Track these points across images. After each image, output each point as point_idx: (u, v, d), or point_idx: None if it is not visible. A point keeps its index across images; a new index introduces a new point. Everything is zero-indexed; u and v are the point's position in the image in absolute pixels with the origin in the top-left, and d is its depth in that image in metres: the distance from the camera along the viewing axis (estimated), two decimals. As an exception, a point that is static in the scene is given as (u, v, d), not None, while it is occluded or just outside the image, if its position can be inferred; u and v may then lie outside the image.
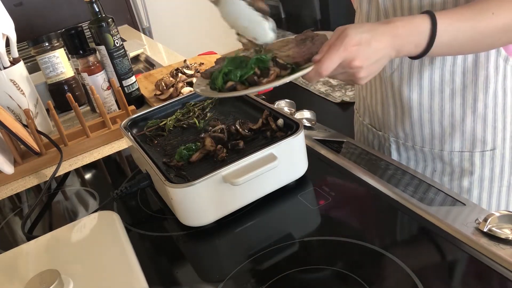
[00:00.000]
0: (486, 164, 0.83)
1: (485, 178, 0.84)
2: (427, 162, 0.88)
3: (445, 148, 0.84)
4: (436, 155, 0.86)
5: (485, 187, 0.85)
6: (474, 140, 0.81)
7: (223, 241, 0.66)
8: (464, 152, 0.83)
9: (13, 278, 0.57)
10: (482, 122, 0.80)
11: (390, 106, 0.87)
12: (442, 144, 0.84)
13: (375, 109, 0.92)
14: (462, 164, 0.84)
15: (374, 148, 0.98)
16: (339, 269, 0.55)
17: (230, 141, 0.73)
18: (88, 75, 1.09)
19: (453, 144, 0.83)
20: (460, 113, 0.80)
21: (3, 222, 0.82)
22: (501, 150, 0.82)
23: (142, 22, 2.46)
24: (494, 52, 0.74)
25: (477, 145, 0.82)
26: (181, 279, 0.60)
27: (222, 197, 0.65)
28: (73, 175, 0.95)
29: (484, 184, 0.85)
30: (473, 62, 0.75)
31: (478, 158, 0.83)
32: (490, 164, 0.83)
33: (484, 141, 0.81)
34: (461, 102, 0.79)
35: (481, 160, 0.83)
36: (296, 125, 0.71)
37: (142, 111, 0.89)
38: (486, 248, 0.54)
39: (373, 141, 0.98)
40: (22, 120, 1.08)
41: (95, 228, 0.65)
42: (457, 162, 0.84)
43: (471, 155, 0.83)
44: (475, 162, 0.83)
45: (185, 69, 1.23)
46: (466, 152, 0.83)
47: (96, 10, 1.06)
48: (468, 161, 0.83)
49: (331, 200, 0.68)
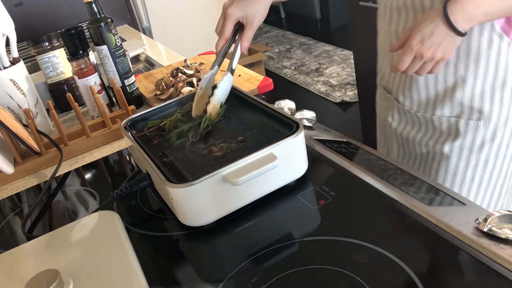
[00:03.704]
0: (469, 133, 0.87)
1: (465, 147, 0.88)
2: (421, 126, 0.94)
3: (436, 113, 0.89)
4: (428, 120, 0.91)
5: (463, 156, 0.89)
6: (462, 107, 0.86)
7: (223, 241, 0.66)
8: (451, 117, 0.87)
9: (13, 278, 0.57)
10: (470, 92, 0.84)
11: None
12: (434, 109, 0.89)
13: (386, 73, 1.00)
14: (449, 129, 0.89)
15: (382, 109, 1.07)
16: (339, 269, 0.55)
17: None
18: (79, 78, 1.09)
19: (443, 110, 0.88)
20: (452, 81, 0.84)
21: (3, 222, 0.82)
22: (486, 123, 0.85)
23: (142, 22, 2.46)
24: (489, 26, 0.77)
25: (464, 112, 0.86)
26: (181, 279, 0.60)
27: (222, 197, 0.65)
28: (73, 175, 0.95)
29: (463, 154, 0.89)
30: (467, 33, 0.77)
31: (463, 125, 0.87)
32: (472, 134, 0.87)
33: (471, 110, 0.85)
34: (453, 71, 0.83)
35: (465, 128, 0.87)
36: (296, 125, 0.71)
37: (142, 111, 0.89)
38: (486, 248, 0.54)
39: (383, 103, 1.05)
40: (22, 120, 1.08)
41: (95, 228, 0.65)
42: (445, 126, 0.89)
43: (457, 121, 0.87)
44: (459, 128, 0.87)
45: (185, 69, 1.23)
46: (453, 118, 0.87)
47: (95, 11, 1.06)
48: (454, 126, 0.88)
49: (331, 200, 0.68)
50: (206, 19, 2.95)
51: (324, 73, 3.60)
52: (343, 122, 2.88)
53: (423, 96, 0.90)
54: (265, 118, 0.79)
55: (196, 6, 3.23)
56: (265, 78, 1.16)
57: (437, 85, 0.87)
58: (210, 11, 2.93)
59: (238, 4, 0.83)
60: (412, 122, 0.96)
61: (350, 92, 3.17)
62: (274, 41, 4.59)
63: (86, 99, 1.12)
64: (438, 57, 0.73)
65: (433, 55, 0.73)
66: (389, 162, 0.75)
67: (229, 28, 0.83)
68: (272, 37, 4.70)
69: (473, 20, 0.70)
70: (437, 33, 0.71)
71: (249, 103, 0.84)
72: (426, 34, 0.71)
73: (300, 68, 3.81)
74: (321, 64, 3.77)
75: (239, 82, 1.16)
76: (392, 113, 1.00)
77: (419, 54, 0.73)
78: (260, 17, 0.84)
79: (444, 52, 0.73)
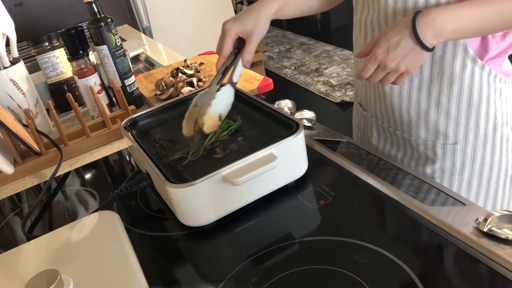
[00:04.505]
0: (448, 157, 0.85)
1: (446, 170, 0.87)
2: (400, 146, 0.92)
3: (412, 135, 0.88)
4: (406, 140, 0.90)
5: (445, 178, 0.88)
6: (437, 132, 0.84)
7: (223, 241, 0.66)
8: (428, 141, 0.86)
9: (13, 278, 0.57)
10: (445, 116, 0.82)
11: (371, 87, 0.91)
12: (410, 130, 0.88)
13: (361, 89, 0.97)
14: (426, 152, 0.87)
15: (361, 127, 1.03)
16: (339, 269, 0.55)
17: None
18: (79, 78, 1.09)
19: (418, 132, 0.86)
20: (425, 103, 0.83)
21: (3, 222, 0.82)
22: (463, 146, 0.83)
23: (142, 22, 2.46)
24: (462, 51, 0.75)
25: (439, 137, 0.85)
26: (181, 279, 0.60)
27: (222, 197, 0.65)
28: (73, 175, 0.95)
29: (445, 176, 0.87)
30: (440, 57, 0.77)
31: (440, 149, 0.85)
32: (451, 157, 0.85)
33: (446, 135, 0.84)
34: (427, 93, 0.82)
35: (443, 152, 0.85)
36: (296, 125, 0.71)
37: (142, 111, 0.89)
38: (486, 248, 0.54)
39: (360, 120, 1.03)
40: (22, 120, 1.08)
41: (95, 228, 0.65)
42: (422, 149, 0.88)
43: (433, 145, 0.86)
44: (437, 152, 0.86)
45: (185, 69, 1.23)
46: (430, 142, 0.86)
47: (95, 11, 1.06)
48: (431, 150, 0.86)
49: (331, 200, 0.68)
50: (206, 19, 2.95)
51: (324, 73, 3.60)
52: (343, 122, 2.88)
53: (397, 116, 0.88)
54: (265, 118, 0.79)
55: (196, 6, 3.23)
56: (265, 78, 1.16)
57: (410, 107, 0.84)
58: (210, 11, 2.93)
59: (235, 20, 0.81)
60: (391, 141, 0.94)
61: (350, 92, 3.17)
62: (274, 41, 4.59)
63: (86, 99, 1.12)
64: (402, 69, 0.69)
65: (396, 67, 0.69)
66: (389, 162, 0.75)
67: (229, 44, 0.81)
68: (272, 37, 4.70)
69: (441, 36, 0.66)
70: (402, 45, 0.67)
71: (249, 103, 0.84)
72: (392, 44, 0.68)
73: (300, 68, 3.81)
74: (321, 64, 3.77)
75: (239, 82, 1.16)
76: (371, 130, 0.97)
77: (383, 64, 0.69)
78: (260, 30, 0.81)
79: (408, 65, 0.69)
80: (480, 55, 0.76)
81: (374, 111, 0.94)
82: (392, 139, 0.93)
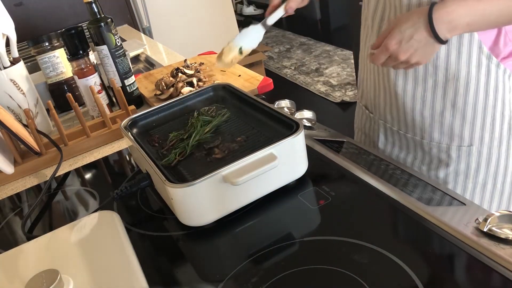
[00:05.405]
0: (462, 159, 0.84)
1: (461, 173, 0.85)
2: (410, 149, 0.90)
3: (425, 137, 0.86)
4: (417, 143, 0.88)
5: (459, 181, 0.86)
6: (452, 134, 0.83)
7: (223, 241, 0.66)
8: (441, 144, 0.84)
9: (13, 278, 0.57)
10: (461, 117, 0.81)
11: (380, 89, 0.89)
12: (422, 133, 0.86)
13: (368, 90, 0.96)
14: (440, 155, 0.85)
15: (365, 130, 1.01)
16: (339, 269, 0.55)
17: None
18: (79, 78, 1.09)
19: (432, 135, 0.85)
20: (440, 105, 0.81)
21: (3, 222, 0.82)
22: (478, 147, 0.82)
23: (142, 22, 2.46)
24: (477, 48, 0.75)
25: (454, 139, 0.83)
26: (181, 279, 0.60)
27: (222, 197, 0.65)
28: (73, 175, 0.95)
29: (459, 179, 0.86)
30: (456, 58, 0.76)
31: (454, 152, 0.84)
32: (466, 160, 0.84)
33: (461, 137, 0.82)
34: (442, 94, 0.80)
35: (457, 154, 0.84)
36: (296, 125, 0.71)
37: (142, 111, 0.89)
38: (486, 248, 0.54)
39: (365, 123, 1.01)
40: (22, 120, 1.08)
41: (95, 228, 0.65)
42: (435, 152, 0.86)
43: (448, 147, 0.84)
44: (451, 155, 0.84)
45: (185, 69, 1.23)
46: (444, 144, 0.84)
47: (95, 11, 1.06)
48: (445, 153, 0.85)
49: (331, 200, 0.68)
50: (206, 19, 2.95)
51: (324, 73, 3.60)
52: (343, 122, 2.88)
53: (409, 119, 0.86)
54: (265, 118, 0.79)
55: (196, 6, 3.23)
56: (265, 78, 1.16)
57: (423, 109, 0.83)
58: (210, 12, 2.93)
59: None
60: (400, 144, 0.92)
61: (350, 92, 3.17)
62: (274, 41, 4.59)
63: (86, 99, 1.12)
64: (413, 61, 0.70)
65: (408, 59, 0.70)
66: (389, 162, 0.75)
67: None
68: (272, 37, 4.70)
69: (456, 30, 0.67)
70: (416, 38, 0.67)
71: (249, 103, 0.84)
72: (406, 36, 0.68)
73: (300, 68, 3.81)
74: (321, 64, 3.77)
75: (239, 82, 1.16)
76: (378, 134, 0.96)
77: (394, 55, 0.70)
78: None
79: (420, 57, 0.70)
80: (494, 53, 0.76)
81: (383, 113, 0.92)
82: (401, 142, 0.91)
